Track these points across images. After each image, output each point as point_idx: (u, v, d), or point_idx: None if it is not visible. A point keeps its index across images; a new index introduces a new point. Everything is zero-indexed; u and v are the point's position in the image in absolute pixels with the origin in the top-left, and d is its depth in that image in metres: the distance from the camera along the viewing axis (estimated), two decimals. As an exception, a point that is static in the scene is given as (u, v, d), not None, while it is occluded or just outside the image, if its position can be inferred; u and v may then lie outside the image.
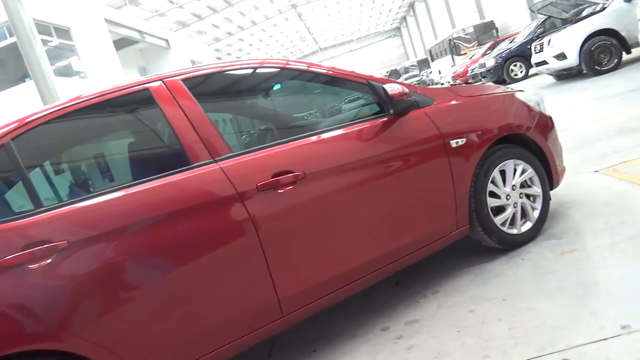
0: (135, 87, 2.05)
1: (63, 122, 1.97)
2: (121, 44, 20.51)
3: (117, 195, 1.81)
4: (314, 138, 2.16)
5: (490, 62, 14.61)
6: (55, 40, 15.47)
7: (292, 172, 1.99)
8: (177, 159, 1.94)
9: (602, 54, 8.66)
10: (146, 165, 2.14)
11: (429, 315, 2.20)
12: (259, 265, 1.91)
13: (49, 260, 1.64)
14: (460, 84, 18.66)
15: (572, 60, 8.87)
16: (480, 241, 2.56)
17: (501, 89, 2.82)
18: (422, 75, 33.69)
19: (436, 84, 26.05)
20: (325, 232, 2.09)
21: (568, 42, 8.90)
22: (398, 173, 2.25)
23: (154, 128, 2.17)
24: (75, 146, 2.35)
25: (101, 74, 16.82)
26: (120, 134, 2.41)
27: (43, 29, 14.47)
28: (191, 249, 1.82)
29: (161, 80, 2.06)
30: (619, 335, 1.63)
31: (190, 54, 26.66)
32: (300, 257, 2.02)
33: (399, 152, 2.25)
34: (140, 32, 21.49)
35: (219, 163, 1.94)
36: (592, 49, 8.61)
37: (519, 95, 2.77)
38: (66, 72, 16.45)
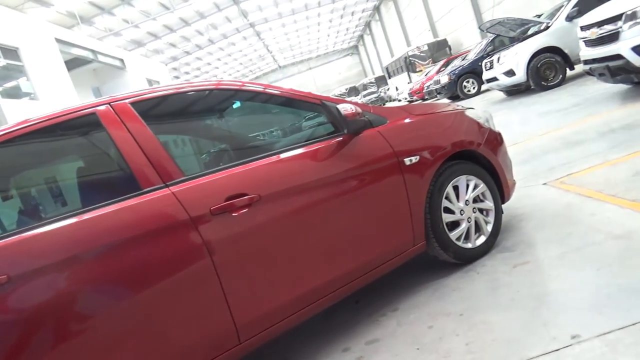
0: (82, 111, 1.98)
1: (8, 147, 1.89)
2: (74, 64, 19.97)
3: (63, 224, 1.73)
4: (269, 159, 2.15)
5: (444, 78, 15.07)
6: (1, 61, 14.89)
7: (247, 195, 1.96)
8: (127, 184, 1.88)
9: (548, 70, 9.12)
10: (95, 191, 2.06)
11: (388, 333, 2.20)
12: (213, 291, 1.86)
13: (-14, 297, 1.54)
14: (416, 100, 19.14)
15: (520, 76, 9.28)
16: (437, 256, 2.59)
17: (452, 106, 2.90)
18: (380, 92, 34.35)
19: (394, 100, 26.61)
20: (282, 255, 2.06)
21: (516, 59, 9.32)
22: (353, 192, 2.26)
23: (103, 153, 2.10)
24: (20, 172, 2.25)
25: (53, 95, 16.28)
26: (67, 159, 2.32)
27: (-11, 49, 13.93)
28: (142, 278, 1.75)
29: (109, 104, 2.01)
30: (570, 345, 1.68)
31: (146, 74, 26.23)
32: (256, 280, 1.99)
33: (354, 172, 2.26)
34: (93, 51, 21.00)
35: (170, 187, 1.89)
36: (539, 65, 9.06)
37: (469, 112, 2.85)
38: (14, 93, 15.81)
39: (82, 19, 23.70)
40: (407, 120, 2.58)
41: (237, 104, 2.62)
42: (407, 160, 2.39)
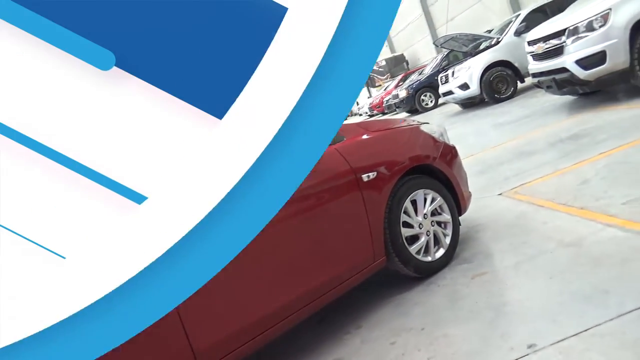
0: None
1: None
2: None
3: None
4: (225, 180, 2.12)
5: (402, 93, 15.40)
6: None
7: (203, 217, 1.92)
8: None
9: (500, 83, 9.48)
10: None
11: (352, 351, 2.18)
12: (169, 317, 1.79)
13: None
14: (377, 114, 19.46)
15: (474, 89, 9.61)
16: (399, 271, 2.61)
17: (407, 122, 2.96)
18: (342, 106, 34.68)
19: (355, 114, 27.00)
20: (242, 276, 2.02)
21: (469, 73, 9.66)
22: (311, 210, 2.25)
23: None
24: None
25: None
26: None
27: None
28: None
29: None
30: (527, 355, 1.71)
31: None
32: (215, 304, 1.94)
33: (311, 190, 2.26)
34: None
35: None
36: (491, 79, 9.41)
37: (423, 127, 2.91)
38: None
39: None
40: (364, 137, 2.61)
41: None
42: (364, 177, 2.41)
